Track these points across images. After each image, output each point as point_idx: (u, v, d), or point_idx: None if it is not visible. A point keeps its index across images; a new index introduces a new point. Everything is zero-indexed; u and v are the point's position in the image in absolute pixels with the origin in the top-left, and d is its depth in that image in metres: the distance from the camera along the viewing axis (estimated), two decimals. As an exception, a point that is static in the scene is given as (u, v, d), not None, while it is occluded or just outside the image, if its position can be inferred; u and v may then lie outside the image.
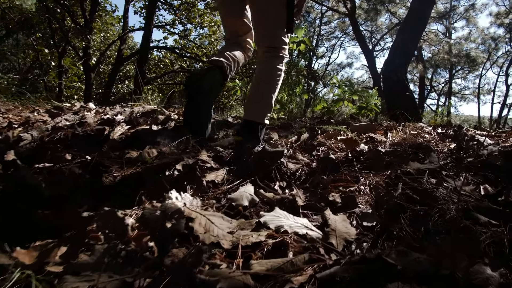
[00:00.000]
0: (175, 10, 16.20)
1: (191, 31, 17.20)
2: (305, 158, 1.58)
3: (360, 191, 1.30)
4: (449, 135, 2.30)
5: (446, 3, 21.38)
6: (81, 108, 3.02)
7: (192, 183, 1.32)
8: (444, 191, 1.36)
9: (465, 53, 23.06)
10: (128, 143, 1.93)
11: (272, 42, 2.08)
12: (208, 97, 2.07)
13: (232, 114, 4.09)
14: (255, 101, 2.04)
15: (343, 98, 7.10)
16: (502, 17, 22.17)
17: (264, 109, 2.02)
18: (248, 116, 2.02)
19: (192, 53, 16.73)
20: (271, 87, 2.03)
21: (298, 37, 6.53)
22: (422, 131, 2.54)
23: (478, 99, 26.75)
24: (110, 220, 0.98)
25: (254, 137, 1.92)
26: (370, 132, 2.39)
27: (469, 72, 26.83)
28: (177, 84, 18.47)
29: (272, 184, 1.36)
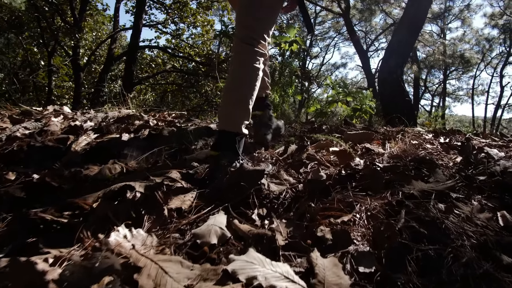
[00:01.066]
0: (167, 9, 15.95)
1: (184, 30, 16.96)
2: (290, 178, 1.34)
3: (355, 221, 1.07)
4: (453, 146, 2.08)
5: (441, 3, 21.28)
6: (53, 113, 2.77)
7: (151, 212, 1.09)
8: (455, 220, 1.13)
9: (459, 54, 22.99)
10: (92, 155, 1.69)
11: (253, 32, 1.74)
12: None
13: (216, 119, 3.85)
14: (230, 106, 1.70)
15: (337, 100, 6.89)
16: (496, 18, 22.11)
17: (241, 115, 1.69)
18: (222, 125, 1.68)
19: (185, 52, 16.46)
20: (249, 89, 1.70)
21: (290, 36, 6.32)
22: (422, 140, 2.32)
23: (472, 100, 26.73)
24: (25, 274, 0.74)
25: (230, 150, 1.62)
26: (366, 141, 2.16)
27: (463, 73, 26.80)
28: (170, 84, 18.21)
29: (249, 212, 1.13)
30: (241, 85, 1.70)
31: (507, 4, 21.34)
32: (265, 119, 2.23)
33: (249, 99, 1.69)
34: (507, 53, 23.41)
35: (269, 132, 2.17)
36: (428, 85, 27.30)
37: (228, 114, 1.69)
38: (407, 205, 1.19)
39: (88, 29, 19.14)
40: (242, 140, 1.70)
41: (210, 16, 17.22)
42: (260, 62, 1.75)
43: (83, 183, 1.36)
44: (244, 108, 1.69)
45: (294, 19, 17.53)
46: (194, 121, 2.92)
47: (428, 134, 3.11)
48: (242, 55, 1.73)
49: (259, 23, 1.75)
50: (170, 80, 18.57)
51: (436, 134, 2.69)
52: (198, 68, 15.69)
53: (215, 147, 1.65)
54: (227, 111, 1.70)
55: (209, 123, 2.76)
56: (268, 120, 2.26)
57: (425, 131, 3.77)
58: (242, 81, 1.71)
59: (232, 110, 1.69)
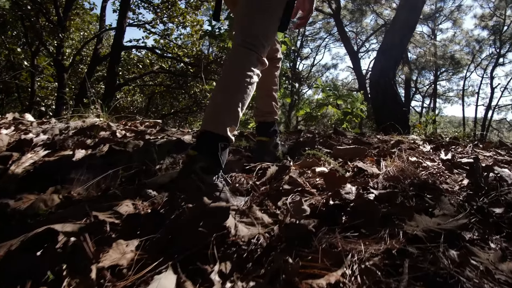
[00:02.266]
0: (155, 8, 15.61)
1: (173, 30, 16.63)
2: (265, 216, 1.07)
3: (345, 285, 0.81)
4: (457, 164, 1.83)
5: (431, 4, 21.21)
6: (10, 122, 2.48)
7: (75, 273, 0.82)
8: (473, 275, 0.88)
9: (449, 55, 22.95)
10: (31, 180, 1.41)
11: (250, 36, 1.58)
12: None
13: (196, 128, 3.56)
14: (217, 107, 1.51)
15: (327, 103, 6.66)
16: (486, 20, 22.10)
17: (228, 118, 1.48)
18: (206, 125, 1.47)
19: (173, 53, 16.12)
20: (240, 92, 1.52)
21: (279, 37, 6.07)
22: (421, 156, 2.06)
23: (462, 101, 26.73)
24: None
25: (210, 153, 1.40)
26: (357, 157, 1.91)
27: (454, 74, 26.80)
28: (157, 85, 17.87)
29: (208, 268, 0.86)
30: (231, 87, 1.54)
31: (497, 5, 21.35)
32: (270, 147, 2.13)
33: (238, 103, 1.51)
34: (497, 55, 23.42)
35: (273, 161, 1.93)
36: (419, 86, 27.25)
37: (213, 114, 1.50)
38: (411, 253, 0.94)
39: (74, 28, 18.74)
40: (226, 148, 1.49)
41: (199, 16, 16.93)
42: (255, 68, 1.58)
43: (6, 223, 1.09)
44: (232, 111, 1.50)
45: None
46: (168, 131, 2.65)
47: (425, 145, 2.87)
48: (236, 58, 1.59)
49: (257, 26, 1.60)
50: (158, 81, 18.24)
51: (436, 147, 2.44)
52: (186, 69, 15.40)
53: (195, 147, 1.44)
54: (213, 111, 1.51)
55: (184, 133, 2.49)
56: (274, 149, 2.16)
57: (421, 140, 3.53)
58: (233, 83, 1.54)
59: (218, 110, 1.50)
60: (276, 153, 2.12)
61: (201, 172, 1.33)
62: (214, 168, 1.38)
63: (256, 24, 1.59)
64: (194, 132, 2.75)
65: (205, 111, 1.57)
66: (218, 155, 1.41)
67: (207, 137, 1.45)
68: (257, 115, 2.21)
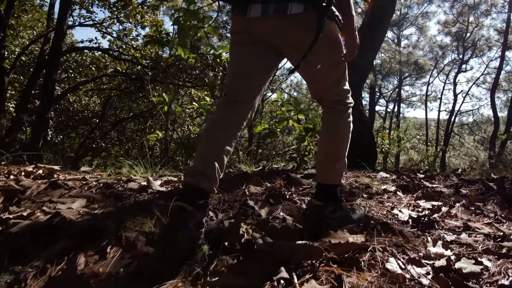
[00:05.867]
0: (110, 7, 14.57)
1: (131, 30, 15.64)
2: None
3: None
4: (458, 282, 1.19)
5: (397, 10, 21.10)
6: None
7: None
8: None
9: (413, 60, 22.98)
10: None
11: (335, 95, 1.82)
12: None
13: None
14: (332, 163, 1.80)
15: (287, 118, 6.02)
16: (449, 26, 22.24)
17: (342, 169, 1.83)
18: (325, 179, 1.82)
19: (130, 54, 15.08)
20: (346, 145, 1.82)
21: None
22: (400, 239, 1.41)
23: (426, 106, 26.96)
24: None
25: (332, 200, 1.77)
26: (306, 264, 1.24)
27: (417, 79, 26.98)
28: (112, 89, 16.79)
29: None
30: (338, 142, 1.81)
31: (460, 12, 21.50)
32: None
33: (345, 152, 1.82)
34: (460, 61, 23.66)
35: None
36: (383, 90, 27.25)
37: (329, 169, 1.80)
38: None
39: (23, 27, 17.42)
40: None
41: (159, 16, 16.02)
42: (350, 115, 1.84)
43: None
44: (344, 161, 1.82)
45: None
46: (56, 191, 1.90)
47: (399, 194, 2.25)
48: (334, 115, 1.81)
49: (337, 86, 1.80)
50: (115, 84, 17.14)
51: (415, 201, 1.79)
52: (144, 72, 14.41)
53: (318, 197, 1.79)
54: (327, 166, 1.81)
55: (56, 212, 1.75)
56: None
57: (391, 182, 2.93)
58: (339, 139, 1.81)
59: (333, 165, 1.79)
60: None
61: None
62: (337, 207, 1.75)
63: (338, 83, 1.79)
64: (161, 183, 2.02)
65: (318, 165, 1.88)
66: (338, 197, 1.81)
67: (327, 188, 1.79)
68: None
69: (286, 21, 1.59)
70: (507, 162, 10.80)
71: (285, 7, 1.55)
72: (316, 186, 1.86)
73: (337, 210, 1.72)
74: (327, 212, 1.71)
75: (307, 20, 1.57)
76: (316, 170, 1.93)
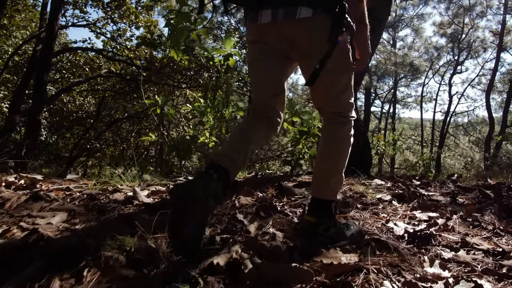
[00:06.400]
0: (104, 7, 14.45)
1: (125, 30, 15.51)
2: None
3: None
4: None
5: (392, 11, 21.09)
6: None
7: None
8: None
9: (408, 61, 22.99)
10: None
11: (338, 107, 1.76)
12: (199, 208, 1.40)
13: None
14: (328, 177, 1.72)
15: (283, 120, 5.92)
16: (445, 27, 22.26)
17: (338, 184, 1.76)
18: (319, 193, 1.72)
19: (124, 55, 14.94)
20: (345, 160, 1.75)
21: (226, 49, 5.32)
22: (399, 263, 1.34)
23: (421, 107, 26.97)
24: None
25: (327, 217, 1.67)
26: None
27: (412, 80, 27.01)
28: (108, 90, 16.63)
29: None
30: (336, 156, 1.73)
31: (456, 13, 21.52)
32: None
33: (343, 167, 1.74)
34: (455, 62, 23.69)
35: None
36: (378, 91, 27.24)
37: (325, 184, 1.72)
38: None
39: (15, 27, 17.28)
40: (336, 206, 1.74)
41: (154, 17, 15.91)
42: (351, 129, 1.77)
43: None
44: (341, 176, 1.74)
45: (232, 31, 16.45)
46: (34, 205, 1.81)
47: (393, 201, 2.18)
48: (335, 128, 1.74)
49: (341, 96, 1.73)
50: (109, 85, 16.98)
51: (411, 211, 1.71)
52: (138, 72, 14.27)
53: (311, 213, 1.71)
54: (323, 180, 1.72)
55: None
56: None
57: (387, 190, 2.86)
58: (337, 153, 1.73)
59: (329, 179, 1.71)
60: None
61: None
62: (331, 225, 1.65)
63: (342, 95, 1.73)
64: (147, 193, 1.92)
65: (315, 179, 1.78)
66: (332, 214, 1.69)
67: (321, 203, 1.70)
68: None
69: (296, 26, 1.57)
70: (502, 164, 10.79)
71: (294, 12, 1.54)
72: (310, 200, 1.78)
73: (331, 227, 1.65)
74: (320, 229, 1.63)
75: (315, 25, 1.56)
76: (312, 183, 1.84)
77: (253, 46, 1.77)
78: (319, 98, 1.78)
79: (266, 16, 1.59)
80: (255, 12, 1.63)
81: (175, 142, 6.28)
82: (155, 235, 1.58)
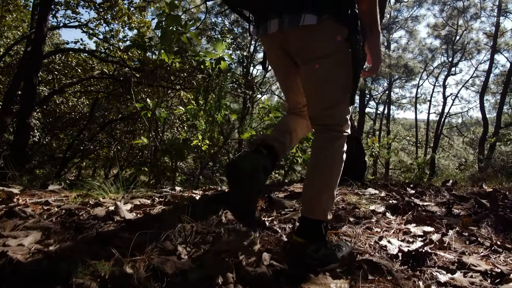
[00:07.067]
0: (97, 7, 14.30)
1: (118, 31, 15.38)
2: None
3: None
4: None
5: (387, 13, 21.10)
6: None
7: None
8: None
9: (403, 63, 23.02)
10: None
11: (329, 119, 1.67)
12: (251, 181, 1.59)
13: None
14: (318, 194, 1.62)
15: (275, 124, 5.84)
16: (439, 29, 22.29)
17: (328, 203, 1.64)
18: (308, 212, 1.62)
19: (116, 56, 14.76)
20: (337, 177, 1.65)
21: (218, 53, 5.23)
22: None
23: (415, 108, 27.01)
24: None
25: (317, 238, 1.57)
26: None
27: (407, 81, 27.06)
28: (101, 91, 16.46)
29: None
30: (328, 173, 1.64)
31: (450, 15, 21.54)
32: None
33: (335, 185, 1.66)
34: (449, 64, 23.73)
35: None
36: (373, 93, 27.25)
37: (315, 202, 1.62)
38: None
39: (7, 27, 17.12)
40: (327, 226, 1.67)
41: (147, 18, 15.72)
42: (343, 146, 1.68)
43: None
44: (332, 195, 1.66)
45: (225, 34, 16.33)
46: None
47: (387, 213, 2.10)
48: (326, 142, 1.66)
49: (336, 107, 1.66)
50: (103, 86, 16.79)
51: (405, 225, 1.62)
52: (131, 74, 14.10)
53: (300, 233, 1.62)
54: (313, 199, 1.63)
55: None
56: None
57: (381, 201, 2.78)
58: (329, 169, 1.64)
59: (320, 198, 1.62)
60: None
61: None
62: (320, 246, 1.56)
63: (334, 105, 1.65)
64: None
65: (304, 196, 1.69)
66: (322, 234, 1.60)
67: (310, 223, 1.60)
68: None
69: (300, 33, 1.57)
70: (496, 166, 10.78)
71: (298, 19, 1.52)
72: (299, 220, 1.69)
73: (321, 249, 1.55)
74: (309, 251, 1.54)
75: (320, 32, 1.55)
76: (302, 200, 1.77)
77: (269, 57, 1.85)
78: (312, 106, 1.73)
79: (274, 25, 1.60)
80: (264, 22, 1.65)
81: (167, 146, 6.18)
82: (133, 257, 1.49)
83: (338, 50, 1.57)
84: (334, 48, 1.57)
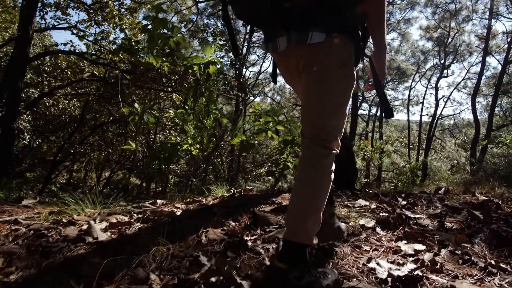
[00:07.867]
0: (87, 9, 14.13)
1: (109, 33, 15.19)
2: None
3: None
4: None
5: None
6: None
7: None
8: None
9: (395, 65, 23.05)
10: None
11: (321, 130, 1.59)
12: None
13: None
14: (303, 216, 1.51)
15: (266, 129, 5.75)
16: (431, 31, 22.34)
17: (314, 226, 1.53)
18: (292, 236, 1.51)
19: (107, 58, 14.56)
20: (324, 196, 1.55)
21: (206, 57, 5.12)
22: None
23: (408, 110, 27.06)
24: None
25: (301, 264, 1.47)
26: None
27: (399, 83, 27.11)
28: (92, 94, 16.26)
29: None
30: (314, 194, 1.54)
31: (442, 17, 21.59)
32: None
33: (322, 207, 1.55)
34: (442, 66, 23.79)
35: None
36: (366, 95, 27.26)
37: (299, 224, 1.52)
38: None
39: (-5, 28, 16.93)
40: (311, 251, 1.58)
41: (138, 19, 15.53)
42: (332, 165, 1.60)
43: None
44: (318, 217, 1.55)
45: (217, 36, 16.23)
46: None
47: (377, 229, 2.01)
48: (313, 159, 1.58)
49: (330, 120, 1.60)
50: (93, 88, 16.58)
51: (396, 242, 1.52)
52: (122, 76, 13.91)
53: (283, 258, 1.51)
54: (298, 220, 1.53)
55: None
56: None
57: (370, 211, 2.68)
58: (315, 189, 1.54)
59: (305, 220, 1.52)
60: None
61: None
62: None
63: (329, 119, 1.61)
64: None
65: (288, 218, 1.59)
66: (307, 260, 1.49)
67: (294, 247, 1.50)
68: None
69: (308, 49, 1.55)
70: (488, 170, 10.74)
71: (305, 36, 1.50)
72: (282, 243, 1.58)
73: (305, 275, 1.45)
74: (292, 277, 1.43)
75: (326, 50, 1.53)
76: (286, 221, 1.66)
77: (282, 73, 1.84)
78: (305, 118, 1.68)
79: (283, 43, 1.58)
80: (274, 39, 1.63)
81: (156, 151, 6.05)
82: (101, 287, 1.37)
83: (342, 66, 1.56)
84: (338, 64, 1.55)
